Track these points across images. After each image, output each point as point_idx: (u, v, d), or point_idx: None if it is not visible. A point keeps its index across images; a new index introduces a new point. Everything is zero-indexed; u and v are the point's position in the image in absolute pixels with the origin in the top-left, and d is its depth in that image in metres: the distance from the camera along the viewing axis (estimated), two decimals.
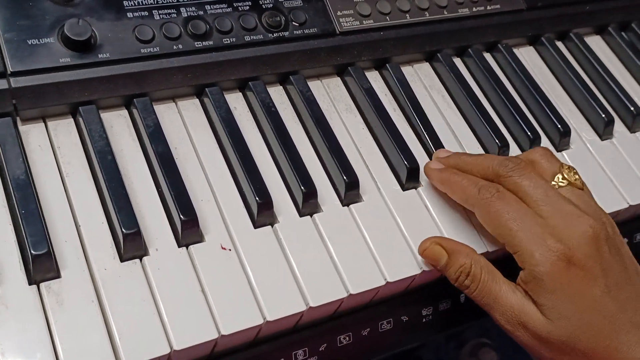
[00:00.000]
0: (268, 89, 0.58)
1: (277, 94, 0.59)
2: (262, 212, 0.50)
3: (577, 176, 0.52)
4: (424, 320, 0.55)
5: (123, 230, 0.46)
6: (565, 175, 0.52)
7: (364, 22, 0.63)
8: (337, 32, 0.61)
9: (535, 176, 0.51)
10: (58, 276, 0.45)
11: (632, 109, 0.68)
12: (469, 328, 0.89)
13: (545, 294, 0.47)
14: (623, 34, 0.77)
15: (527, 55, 0.71)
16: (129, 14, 0.54)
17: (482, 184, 0.51)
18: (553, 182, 0.52)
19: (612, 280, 0.47)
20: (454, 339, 0.89)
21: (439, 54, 0.66)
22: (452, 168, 0.54)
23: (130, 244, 0.46)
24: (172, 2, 0.56)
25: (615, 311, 0.47)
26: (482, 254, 0.52)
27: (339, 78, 0.62)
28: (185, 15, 0.56)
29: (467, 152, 0.59)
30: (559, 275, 0.46)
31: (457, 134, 0.62)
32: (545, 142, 0.64)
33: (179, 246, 0.48)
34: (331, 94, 0.60)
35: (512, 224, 0.48)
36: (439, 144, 0.59)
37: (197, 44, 0.55)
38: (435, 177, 0.55)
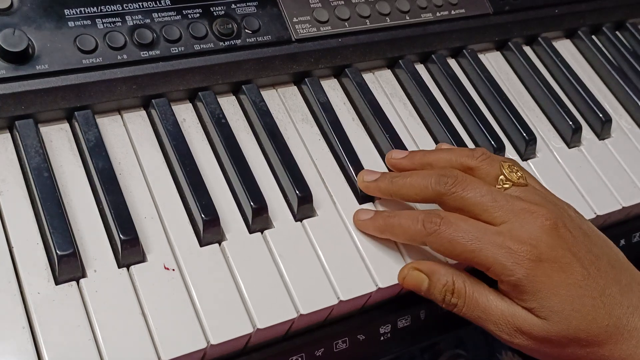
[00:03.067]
0: (220, 99, 0.56)
1: (229, 104, 0.56)
2: (209, 230, 0.48)
3: (518, 173, 0.50)
4: (382, 338, 0.53)
5: (58, 251, 0.44)
6: (507, 176, 0.50)
7: (322, 28, 0.60)
8: (293, 39, 0.59)
9: (478, 184, 0.49)
10: None
11: (600, 115, 0.66)
12: (443, 340, 0.87)
13: (530, 297, 0.46)
14: (594, 37, 0.76)
15: (494, 61, 0.69)
16: (70, 23, 0.52)
17: (422, 217, 0.48)
18: (497, 186, 0.50)
19: (587, 261, 0.47)
20: (429, 351, 0.87)
21: (401, 61, 0.64)
22: (384, 212, 0.51)
23: (66, 265, 0.44)
24: (117, 10, 0.54)
25: (601, 289, 0.46)
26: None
27: (295, 87, 0.60)
28: (131, 23, 0.54)
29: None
30: (536, 274, 0.45)
31: (418, 143, 0.60)
32: (510, 150, 0.62)
33: (119, 267, 0.46)
34: (287, 104, 0.58)
35: (470, 245, 0.46)
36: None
37: (143, 54, 0.53)
38: (370, 228, 0.51)
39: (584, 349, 0.46)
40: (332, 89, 0.61)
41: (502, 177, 0.50)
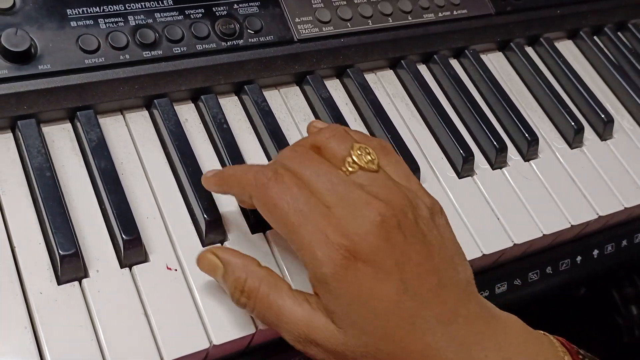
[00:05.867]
0: (222, 99, 0.56)
1: (231, 104, 0.56)
2: (211, 230, 0.48)
3: (369, 157, 0.43)
4: None
5: (60, 251, 0.43)
6: (356, 159, 0.43)
7: (324, 28, 0.60)
8: (295, 39, 0.59)
9: (319, 163, 0.43)
10: None
11: (602, 116, 0.66)
12: None
13: (333, 300, 0.40)
14: (595, 38, 0.75)
15: (496, 61, 0.69)
16: (73, 23, 0.52)
17: (257, 168, 0.43)
18: (343, 168, 0.43)
19: (410, 274, 0.40)
20: None
21: (403, 61, 0.64)
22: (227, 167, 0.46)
23: (68, 265, 0.44)
24: (120, 10, 0.54)
25: (416, 309, 0.40)
26: None
27: (297, 87, 0.60)
28: (133, 23, 0.54)
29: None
30: (346, 276, 0.39)
31: (420, 144, 0.60)
32: (512, 151, 0.62)
33: (122, 267, 0.46)
34: (289, 104, 0.58)
35: (292, 216, 0.40)
36: (406, 152, 0.57)
37: (146, 54, 0.53)
38: (211, 184, 0.47)
39: None
40: (334, 89, 0.61)
41: (349, 159, 0.43)
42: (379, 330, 0.39)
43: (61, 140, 0.50)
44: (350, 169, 0.43)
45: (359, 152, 0.43)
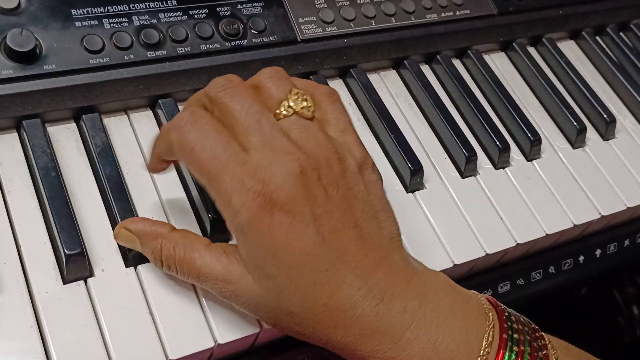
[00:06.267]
0: None
1: None
2: (216, 229, 0.48)
3: (305, 103, 0.42)
4: None
5: (65, 251, 0.44)
6: (292, 104, 0.42)
7: (327, 28, 0.61)
8: (299, 39, 0.59)
9: (251, 101, 0.41)
10: None
11: (605, 116, 0.66)
12: None
13: (248, 249, 0.39)
14: (597, 38, 0.76)
15: (498, 62, 0.69)
16: (77, 23, 0.52)
17: (177, 113, 0.42)
18: (277, 111, 0.42)
19: (329, 227, 0.39)
20: None
21: (406, 61, 0.64)
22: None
23: (73, 265, 0.44)
24: (124, 10, 0.54)
25: (331, 262, 0.39)
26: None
27: None
28: (138, 24, 0.54)
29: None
30: (260, 224, 0.38)
31: (424, 144, 0.60)
32: (515, 151, 0.62)
33: (127, 266, 0.46)
34: None
35: (209, 164, 0.39)
36: (409, 152, 0.57)
37: (150, 54, 0.53)
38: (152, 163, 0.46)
39: (305, 327, 0.40)
40: (337, 89, 0.60)
41: (285, 102, 0.42)
42: (292, 282, 0.39)
43: (66, 140, 0.50)
44: (284, 112, 0.42)
45: (296, 97, 0.42)
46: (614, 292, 0.91)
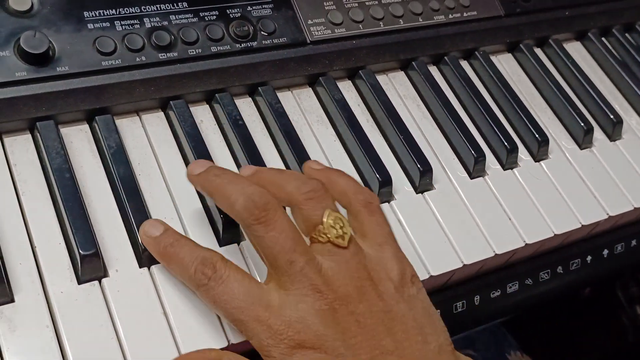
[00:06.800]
0: (236, 100, 0.56)
1: (245, 105, 0.57)
2: (228, 230, 0.48)
3: (340, 231, 0.42)
4: None
5: (80, 251, 0.44)
6: (325, 229, 0.42)
7: (336, 30, 0.61)
8: (308, 41, 0.59)
9: (287, 231, 0.41)
10: (11, 300, 0.43)
11: (612, 117, 0.67)
12: (454, 340, 0.88)
13: None
14: (603, 39, 0.76)
15: (506, 63, 0.70)
16: (90, 25, 0.52)
17: (198, 262, 0.42)
18: (313, 235, 0.42)
19: (365, 356, 0.39)
20: None
21: (414, 62, 0.64)
22: (170, 234, 0.44)
23: (88, 265, 0.44)
24: (135, 12, 0.54)
25: None
26: None
27: (310, 88, 0.60)
28: (149, 26, 0.54)
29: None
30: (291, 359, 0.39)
31: (432, 145, 0.60)
32: (523, 151, 0.62)
33: (141, 267, 0.46)
34: (302, 105, 0.59)
35: (233, 314, 0.41)
36: (418, 153, 0.57)
37: (161, 56, 0.54)
38: (153, 249, 0.45)
39: None
40: (346, 90, 0.61)
41: (320, 226, 0.42)
42: None
43: (79, 141, 0.51)
44: (320, 238, 0.42)
45: (332, 223, 0.42)
46: (617, 292, 0.92)
